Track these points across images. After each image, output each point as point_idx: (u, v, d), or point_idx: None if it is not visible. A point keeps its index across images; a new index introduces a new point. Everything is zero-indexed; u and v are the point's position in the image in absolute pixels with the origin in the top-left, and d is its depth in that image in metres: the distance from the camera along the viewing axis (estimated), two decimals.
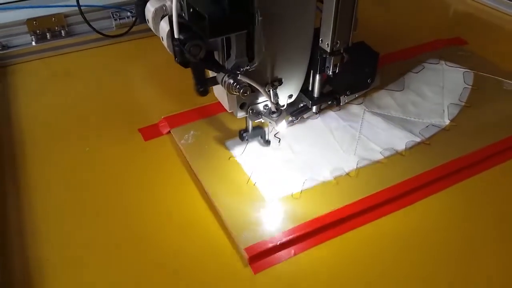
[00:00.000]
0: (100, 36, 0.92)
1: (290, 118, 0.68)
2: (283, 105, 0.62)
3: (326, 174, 0.63)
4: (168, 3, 0.51)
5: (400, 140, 0.69)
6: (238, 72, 0.53)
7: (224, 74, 0.54)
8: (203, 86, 0.54)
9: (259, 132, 0.66)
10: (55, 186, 0.63)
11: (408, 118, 0.73)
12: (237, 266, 0.53)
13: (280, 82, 0.58)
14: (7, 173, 0.65)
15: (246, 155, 0.66)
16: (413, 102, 0.77)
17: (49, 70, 0.88)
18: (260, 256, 0.53)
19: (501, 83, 0.82)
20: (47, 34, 0.93)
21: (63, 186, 0.63)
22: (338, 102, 0.66)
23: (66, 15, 0.93)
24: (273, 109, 0.59)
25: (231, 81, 0.53)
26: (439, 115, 0.74)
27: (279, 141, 0.67)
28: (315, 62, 0.60)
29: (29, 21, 0.91)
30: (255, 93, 0.57)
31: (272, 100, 0.58)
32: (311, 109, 0.68)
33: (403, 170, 0.63)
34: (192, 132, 0.70)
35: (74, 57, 0.92)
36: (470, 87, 0.80)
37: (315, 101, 0.65)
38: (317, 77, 0.62)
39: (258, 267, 0.52)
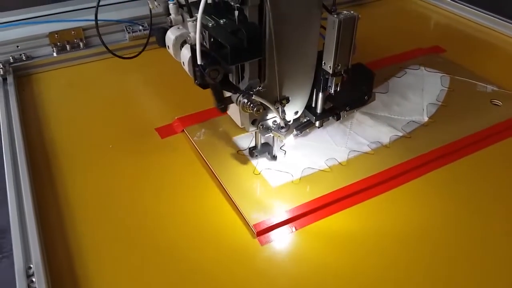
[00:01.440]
0: (114, 47, 1.02)
1: (295, 132, 0.75)
2: (290, 121, 0.67)
3: (321, 164, 0.73)
4: (192, 34, 0.58)
5: (385, 134, 0.79)
6: (252, 92, 0.59)
7: (239, 95, 0.59)
8: (223, 103, 0.61)
9: (266, 149, 0.73)
10: (84, 180, 0.72)
11: (392, 116, 0.84)
12: (247, 239, 0.62)
13: (287, 100, 0.63)
14: (44, 174, 0.73)
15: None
16: (396, 103, 0.87)
17: (68, 79, 0.98)
18: (266, 231, 0.63)
19: (474, 86, 0.92)
20: (67, 46, 1.02)
21: (92, 181, 0.72)
22: (338, 117, 0.71)
23: (85, 29, 1.03)
24: (282, 124, 0.64)
25: (245, 100, 0.58)
26: (419, 113, 0.84)
27: (284, 153, 0.75)
28: (319, 82, 0.64)
29: (51, 34, 1.01)
30: (265, 110, 0.62)
31: (281, 116, 0.64)
32: (314, 124, 0.71)
33: (388, 159, 0.73)
34: (203, 130, 0.80)
35: (92, 67, 1.02)
36: (446, 89, 0.91)
37: (318, 117, 0.69)
38: (320, 95, 0.66)
39: (264, 240, 0.62)
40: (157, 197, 0.69)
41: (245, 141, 0.77)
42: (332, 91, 0.64)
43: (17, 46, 0.99)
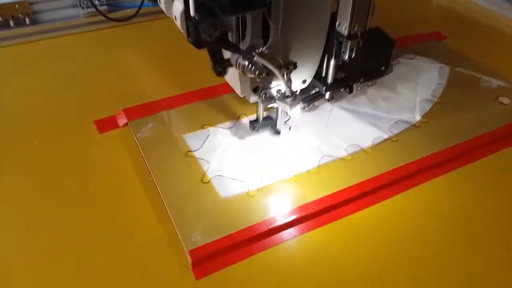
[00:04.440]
0: (65, 25, 0.89)
1: (302, 105, 0.65)
2: (296, 91, 0.59)
3: (281, 173, 0.60)
4: None
5: (367, 136, 0.66)
6: (254, 52, 0.51)
7: (239, 56, 0.52)
8: (221, 66, 0.52)
9: (269, 122, 0.65)
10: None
11: (378, 113, 0.70)
12: (179, 270, 0.50)
13: (294, 66, 0.56)
14: None
15: (204, 149, 0.63)
16: (384, 97, 0.74)
17: (6, 60, 0.84)
18: (205, 260, 0.50)
19: (477, 80, 0.79)
20: (10, 21, 0.89)
21: (9, 178, 0.60)
22: (351, 89, 0.64)
23: (31, 3, 0.90)
24: (288, 93, 0.56)
25: (246, 62, 0.52)
26: (410, 111, 0.71)
27: (289, 129, 0.65)
28: (331, 47, 0.58)
29: None
30: (268, 77, 0.56)
31: (287, 84, 0.56)
32: (323, 95, 0.65)
33: (366, 169, 0.60)
34: (150, 125, 0.67)
35: (37, 46, 0.88)
36: (444, 83, 0.77)
37: (328, 87, 0.62)
38: (332, 62, 0.60)
39: (201, 272, 0.49)
40: (80, 208, 0.56)
41: (198, 140, 0.64)
42: (346, 57, 0.57)
43: None
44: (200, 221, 0.53)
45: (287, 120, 0.65)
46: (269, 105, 0.61)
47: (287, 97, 0.57)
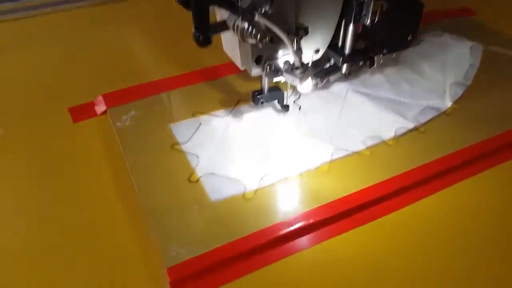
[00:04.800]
0: (35, 3, 0.79)
1: (314, 80, 0.55)
2: (307, 63, 0.49)
3: (285, 171, 0.49)
4: None
5: (389, 126, 0.55)
6: (256, 11, 0.42)
7: (237, 17, 0.43)
8: (205, 33, 0.42)
9: (276, 95, 0.55)
10: None
11: (401, 99, 0.60)
12: None
13: (306, 32, 0.47)
14: None
15: (194, 141, 0.53)
16: (408, 80, 0.63)
17: None
18: (188, 280, 0.40)
19: None
20: None
21: None
22: (371, 62, 0.55)
23: None
24: (297, 63, 0.47)
25: (246, 25, 0.42)
26: (439, 96, 0.60)
27: (299, 109, 0.56)
28: (349, 9, 0.49)
29: None
30: (274, 45, 0.48)
31: (296, 53, 0.46)
32: (339, 69, 0.55)
33: (388, 166, 0.50)
34: (132, 113, 0.57)
35: (22, 24, 0.78)
36: (477, 64, 0.66)
37: (345, 59, 0.53)
38: (350, 28, 0.51)
39: None
40: (45, 213, 0.47)
41: (187, 130, 0.54)
42: (368, 22, 0.50)
43: None
44: (183, 230, 0.43)
45: (296, 99, 0.56)
46: (275, 79, 0.51)
47: (296, 68, 0.47)
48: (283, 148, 0.52)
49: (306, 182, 0.48)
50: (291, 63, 0.48)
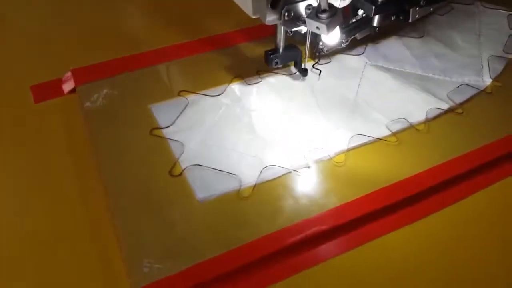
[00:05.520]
0: None
1: (341, 33, 0.48)
2: (336, 9, 0.40)
3: (291, 161, 0.40)
4: None
5: (418, 107, 0.45)
6: None
7: None
8: None
9: (293, 55, 0.48)
10: None
11: (430, 75, 0.50)
12: None
13: None
14: None
15: (179, 126, 0.43)
16: (437, 54, 0.53)
17: None
18: None
19: None
20: None
21: None
22: (406, 17, 0.48)
23: None
24: (324, 5, 0.38)
25: None
26: (476, 71, 0.50)
27: (319, 73, 0.49)
28: None
29: None
30: None
31: None
32: (369, 22, 0.49)
33: (419, 155, 0.40)
34: (105, 91, 0.47)
35: None
36: None
37: (378, 8, 0.45)
38: None
39: None
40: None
41: (170, 113, 0.44)
42: None
43: None
44: (160, 239, 0.34)
45: (315, 63, 0.48)
46: (294, 29, 0.43)
47: (323, 11, 0.38)
48: (289, 134, 0.42)
49: (318, 176, 0.38)
50: (315, 6, 0.39)
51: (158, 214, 0.35)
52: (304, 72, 0.48)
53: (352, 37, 0.50)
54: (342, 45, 0.50)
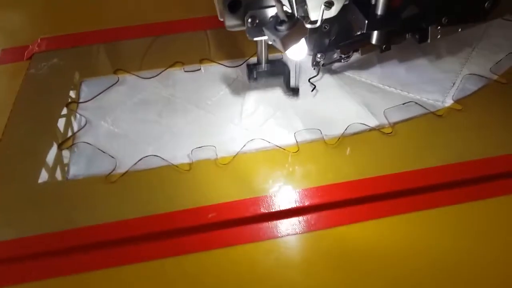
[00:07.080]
0: None
1: (335, 55, 0.42)
2: (315, 21, 0.35)
3: (179, 158, 0.38)
4: None
5: (344, 118, 0.41)
6: None
7: None
8: None
9: (279, 70, 0.42)
10: None
11: (385, 87, 0.44)
12: None
13: None
14: None
15: (98, 102, 0.44)
16: (410, 65, 0.47)
17: None
18: None
19: None
20: None
21: None
22: (423, 37, 0.40)
23: None
24: (281, 14, 0.31)
25: None
26: (442, 89, 0.44)
27: (312, 90, 0.43)
28: None
29: None
30: None
31: None
32: (366, 39, 0.39)
33: (325, 170, 0.36)
34: (54, 61, 0.49)
35: None
36: None
37: (373, 23, 0.35)
38: None
39: None
40: None
41: (96, 88, 0.45)
42: None
43: None
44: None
45: (312, 77, 0.42)
46: (257, 38, 0.37)
47: (281, 22, 0.32)
48: (195, 128, 0.41)
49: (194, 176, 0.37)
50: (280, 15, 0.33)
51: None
52: (294, 91, 0.42)
53: (352, 52, 0.43)
54: (342, 60, 0.43)
